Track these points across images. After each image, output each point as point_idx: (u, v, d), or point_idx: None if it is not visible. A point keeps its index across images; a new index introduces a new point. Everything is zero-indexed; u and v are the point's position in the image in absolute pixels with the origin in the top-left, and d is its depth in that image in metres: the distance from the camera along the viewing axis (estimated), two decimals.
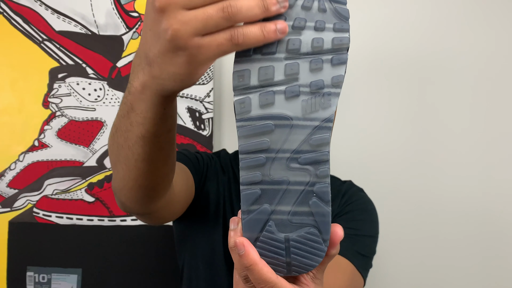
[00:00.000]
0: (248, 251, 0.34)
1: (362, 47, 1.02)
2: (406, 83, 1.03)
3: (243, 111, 0.34)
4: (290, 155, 0.35)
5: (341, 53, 0.34)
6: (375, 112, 1.04)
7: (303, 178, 0.35)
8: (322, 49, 0.34)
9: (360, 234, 0.68)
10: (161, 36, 0.32)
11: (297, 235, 0.35)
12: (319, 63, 0.34)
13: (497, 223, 1.01)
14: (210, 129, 1.01)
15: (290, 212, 0.35)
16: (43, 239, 1.00)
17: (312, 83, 0.34)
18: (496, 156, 1.01)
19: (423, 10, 1.02)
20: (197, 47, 0.31)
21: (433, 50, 1.02)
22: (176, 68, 0.33)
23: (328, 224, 0.35)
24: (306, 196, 0.35)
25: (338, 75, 0.34)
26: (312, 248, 0.35)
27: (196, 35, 0.31)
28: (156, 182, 0.48)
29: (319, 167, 0.35)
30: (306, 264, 0.36)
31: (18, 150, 1.01)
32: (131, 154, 0.43)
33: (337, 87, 0.34)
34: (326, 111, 0.34)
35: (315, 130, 0.34)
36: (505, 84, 1.01)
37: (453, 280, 1.02)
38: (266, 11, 0.32)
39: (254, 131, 0.34)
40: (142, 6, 1.00)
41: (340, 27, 0.34)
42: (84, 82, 1.01)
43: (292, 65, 0.34)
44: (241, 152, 0.35)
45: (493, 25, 1.01)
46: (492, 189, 1.01)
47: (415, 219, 1.02)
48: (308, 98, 0.34)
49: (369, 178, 1.01)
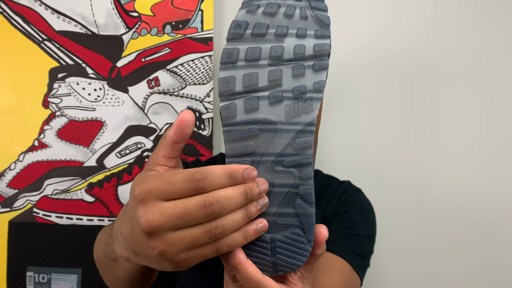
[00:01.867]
0: (234, 251, 0.35)
1: (362, 47, 1.02)
2: (405, 83, 1.03)
3: (229, 116, 0.35)
4: (275, 158, 0.36)
5: (322, 59, 0.35)
6: (374, 112, 1.04)
7: (287, 180, 0.36)
8: (304, 56, 0.35)
9: (357, 234, 0.68)
10: (148, 252, 0.33)
11: (282, 236, 0.36)
12: (301, 69, 0.35)
13: (497, 224, 1.01)
14: (210, 129, 1.01)
15: (276, 214, 0.36)
16: (43, 239, 1.00)
17: (294, 89, 0.35)
18: (496, 157, 1.01)
19: (424, 10, 1.02)
20: (183, 260, 0.32)
21: (434, 50, 1.02)
22: (161, 267, 0.34)
23: (312, 225, 0.36)
24: (291, 198, 0.36)
25: (320, 81, 0.35)
26: (297, 248, 0.36)
27: (182, 252, 0.32)
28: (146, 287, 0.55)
29: (302, 169, 0.36)
30: (292, 263, 0.36)
31: (18, 150, 1.01)
32: (119, 282, 0.47)
33: (318, 92, 0.36)
34: (309, 115, 0.35)
35: (298, 133, 0.35)
36: (507, 85, 1.01)
37: (453, 280, 1.01)
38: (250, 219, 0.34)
39: (239, 136, 0.36)
40: (142, 6, 1.00)
41: (321, 33, 0.35)
42: (84, 82, 1.01)
43: (275, 72, 0.35)
44: (227, 156, 0.36)
45: (494, 25, 1.01)
46: (492, 189, 1.01)
47: (414, 219, 1.02)
48: (291, 103, 0.35)
49: (368, 179, 1.01)
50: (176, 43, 1.00)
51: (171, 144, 0.35)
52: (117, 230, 0.38)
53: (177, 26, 1.00)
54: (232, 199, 0.32)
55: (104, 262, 0.46)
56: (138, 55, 1.00)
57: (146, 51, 1.00)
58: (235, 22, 0.36)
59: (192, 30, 1.00)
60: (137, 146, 1.01)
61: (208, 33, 0.99)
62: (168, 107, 1.01)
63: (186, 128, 0.34)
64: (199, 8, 0.99)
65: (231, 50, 0.35)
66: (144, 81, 1.01)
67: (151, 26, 1.00)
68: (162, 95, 1.01)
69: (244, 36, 0.35)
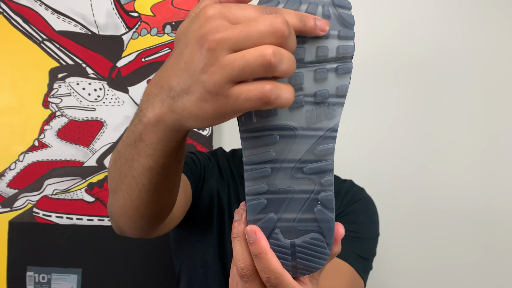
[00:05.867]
0: (259, 238, 0.35)
1: (368, 47, 1.02)
2: (408, 84, 1.03)
3: (246, 122, 0.34)
4: (295, 165, 0.34)
5: (346, 61, 0.33)
6: (377, 112, 1.04)
7: (308, 187, 0.35)
8: (326, 58, 0.33)
9: (360, 237, 0.68)
10: (197, 79, 0.29)
11: (302, 241, 0.35)
12: (324, 73, 0.33)
13: (498, 224, 1.01)
14: (210, 129, 1.01)
15: (296, 220, 0.35)
16: (43, 239, 1.00)
17: (316, 93, 0.33)
18: (497, 157, 1.01)
19: (430, 11, 1.02)
20: (227, 96, 0.29)
21: (437, 52, 1.02)
22: (200, 111, 0.31)
23: (332, 230, 0.35)
24: (311, 204, 0.35)
25: (343, 85, 0.33)
26: (317, 252, 0.36)
27: (230, 82, 0.29)
28: (159, 211, 0.47)
29: (323, 176, 0.35)
30: (311, 267, 0.36)
31: (18, 150, 1.01)
32: (135, 184, 0.41)
33: (341, 97, 0.34)
34: (331, 121, 0.34)
35: (319, 140, 0.34)
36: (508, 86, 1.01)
37: (454, 280, 1.02)
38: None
39: (258, 143, 0.34)
40: (142, 6, 1.00)
41: (345, 34, 0.33)
42: (84, 82, 1.01)
43: (296, 75, 0.33)
44: (246, 164, 0.35)
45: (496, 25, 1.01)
46: (494, 190, 1.01)
47: (417, 219, 1.02)
48: (313, 108, 0.34)
49: (370, 178, 1.01)
50: None
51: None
52: (149, 90, 0.35)
53: (177, 26, 1.00)
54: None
55: (122, 158, 0.40)
56: (138, 55, 1.00)
57: (146, 51, 1.00)
58: None
59: None
60: None
61: None
62: None
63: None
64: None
65: None
66: (144, 81, 1.01)
67: (151, 26, 1.00)
68: None
69: None
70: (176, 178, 0.44)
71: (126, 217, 0.46)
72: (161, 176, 0.40)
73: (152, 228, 0.50)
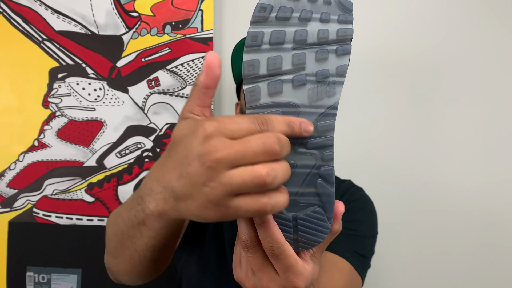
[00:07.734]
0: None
1: (365, 46, 1.02)
2: (407, 83, 1.03)
3: (253, 99, 0.36)
4: (298, 140, 0.36)
5: (345, 43, 0.36)
6: (376, 112, 1.04)
7: (309, 161, 0.37)
8: (327, 40, 0.36)
9: (358, 235, 0.68)
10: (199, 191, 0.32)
11: (304, 214, 0.37)
12: (325, 53, 0.36)
13: (498, 224, 1.01)
14: None
15: (298, 193, 0.37)
16: (43, 239, 1.00)
17: (318, 72, 0.36)
18: (497, 157, 1.01)
19: (428, 10, 1.02)
20: (228, 207, 0.32)
21: (436, 50, 1.02)
22: (203, 214, 0.33)
23: (332, 204, 0.37)
24: (312, 178, 0.37)
25: (343, 65, 0.36)
26: (318, 226, 0.38)
27: (229, 195, 0.31)
28: (160, 268, 0.50)
29: (324, 151, 0.37)
30: (313, 240, 0.38)
31: (18, 150, 1.01)
32: (138, 257, 0.44)
33: (341, 76, 0.36)
34: (331, 98, 0.36)
35: (321, 116, 0.36)
36: (508, 86, 1.01)
37: (453, 279, 1.02)
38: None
39: None
40: (142, 6, 1.00)
41: (344, 18, 0.36)
42: (84, 82, 1.01)
43: (299, 55, 0.36)
44: None
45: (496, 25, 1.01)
46: (493, 189, 1.01)
47: (415, 219, 1.02)
48: (314, 86, 0.36)
49: (370, 178, 1.01)
50: (176, 43, 1.00)
51: (204, 90, 0.35)
52: (150, 185, 0.37)
53: (177, 26, 1.00)
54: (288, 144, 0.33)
55: (124, 233, 0.43)
56: (138, 55, 1.00)
57: (146, 51, 1.00)
58: (260, 5, 0.36)
59: (192, 30, 1.00)
60: (137, 146, 1.01)
61: (208, 33, 0.99)
62: (168, 107, 1.01)
63: (215, 69, 0.34)
64: (199, 8, 0.99)
65: (256, 33, 0.35)
66: (144, 81, 1.01)
67: (151, 26, 1.00)
68: (162, 95, 1.01)
69: (268, 19, 0.35)
70: (176, 240, 0.47)
71: (127, 278, 0.50)
72: (162, 247, 0.44)
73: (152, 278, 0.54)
